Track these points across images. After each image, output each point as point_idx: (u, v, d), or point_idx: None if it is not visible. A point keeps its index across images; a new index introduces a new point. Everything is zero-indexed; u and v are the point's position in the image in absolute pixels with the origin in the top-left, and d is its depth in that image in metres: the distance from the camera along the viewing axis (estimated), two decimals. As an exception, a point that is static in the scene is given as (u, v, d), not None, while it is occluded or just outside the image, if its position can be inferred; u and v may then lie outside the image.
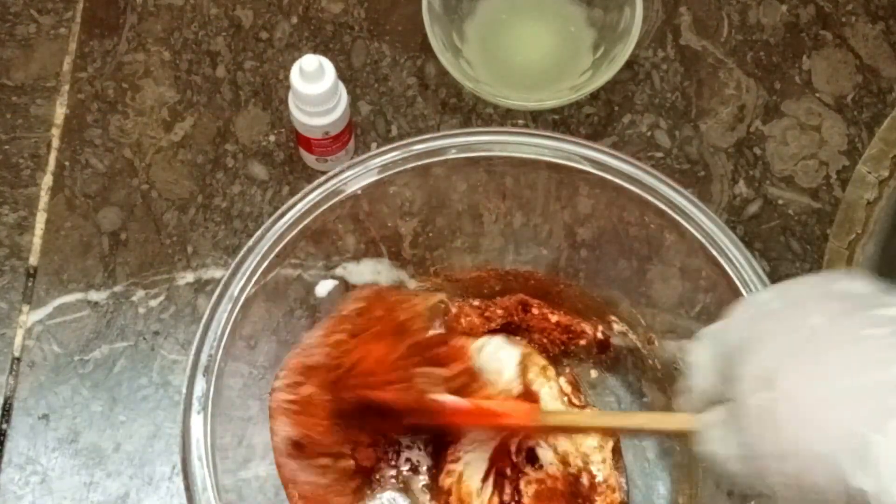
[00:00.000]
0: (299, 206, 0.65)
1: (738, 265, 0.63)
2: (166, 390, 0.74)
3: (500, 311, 0.73)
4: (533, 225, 0.72)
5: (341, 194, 0.65)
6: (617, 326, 0.73)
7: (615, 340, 0.73)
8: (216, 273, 0.77)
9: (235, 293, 0.63)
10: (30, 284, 0.77)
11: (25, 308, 0.76)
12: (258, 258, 0.64)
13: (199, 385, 0.61)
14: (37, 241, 0.78)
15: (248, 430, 0.66)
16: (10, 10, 0.84)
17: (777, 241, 0.78)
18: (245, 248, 0.64)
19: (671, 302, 0.70)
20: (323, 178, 0.66)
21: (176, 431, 0.73)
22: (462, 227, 0.71)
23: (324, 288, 0.70)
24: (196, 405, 0.61)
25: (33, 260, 0.78)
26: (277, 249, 0.64)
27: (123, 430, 0.74)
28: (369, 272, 0.71)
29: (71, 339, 0.76)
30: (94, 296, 0.77)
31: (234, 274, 0.63)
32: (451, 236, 0.71)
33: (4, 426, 0.74)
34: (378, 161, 0.65)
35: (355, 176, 0.65)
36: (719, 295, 0.65)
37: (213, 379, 0.61)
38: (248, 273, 0.63)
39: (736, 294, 0.63)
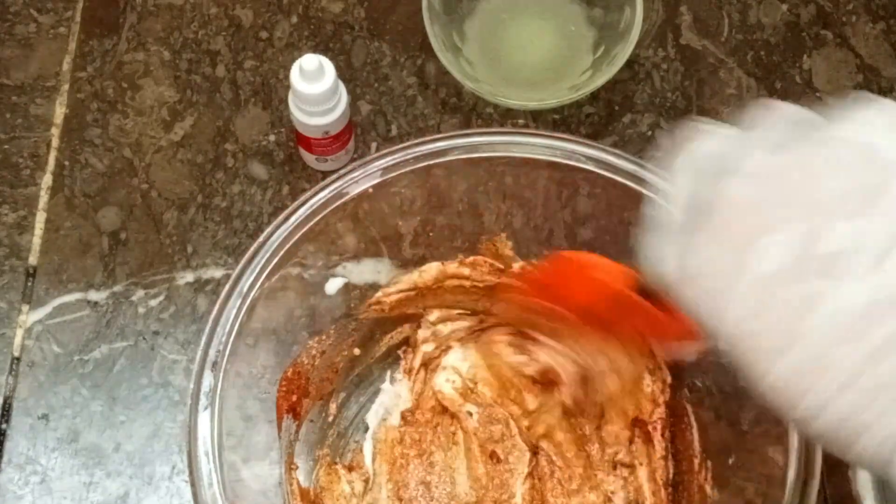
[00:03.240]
0: (308, 205, 0.65)
1: None
2: (166, 390, 0.74)
3: None
4: (533, 225, 0.71)
5: (346, 195, 0.65)
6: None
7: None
8: (216, 273, 0.77)
9: (245, 290, 0.63)
10: (29, 284, 0.77)
11: (25, 308, 0.76)
12: (267, 256, 0.64)
13: (207, 380, 0.61)
14: (36, 240, 0.78)
15: (248, 429, 0.66)
16: (10, 9, 0.83)
17: (777, 240, 0.78)
18: (255, 245, 0.64)
19: (672, 301, 0.70)
20: (330, 179, 0.65)
21: (176, 431, 0.73)
22: (462, 226, 0.71)
23: (333, 286, 0.70)
24: (203, 400, 0.60)
25: (33, 260, 0.78)
26: (285, 249, 0.64)
27: (123, 430, 0.74)
28: (369, 272, 0.71)
29: (71, 338, 0.76)
30: (93, 295, 0.77)
31: (243, 271, 0.63)
32: (452, 236, 0.71)
33: (4, 426, 0.74)
34: (381, 163, 0.65)
35: (361, 177, 0.65)
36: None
37: (221, 375, 0.61)
38: (256, 271, 0.63)
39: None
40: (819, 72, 0.82)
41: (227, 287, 0.63)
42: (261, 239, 0.64)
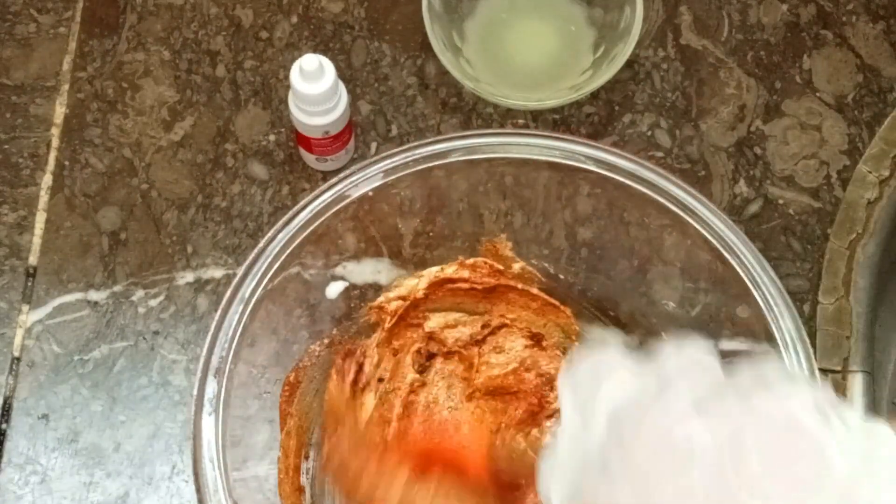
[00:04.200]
0: (309, 209, 0.65)
1: (746, 262, 0.63)
2: (166, 390, 0.74)
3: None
4: (533, 225, 0.72)
5: (348, 198, 0.65)
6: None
7: (616, 339, 0.73)
8: (216, 273, 0.77)
9: (246, 295, 0.63)
10: (29, 284, 0.77)
11: (25, 308, 0.76)
12: (269, 260, 0.64)
13: (211, 387, 0.61)
14: (36, 240, 0.78)
15: (247, 429, 0.66)
16: (10, 9, 0.83)
17: (777, 240, 0.78)
18: (257, 250, 0.64)
19: (672, 302, 0.70)
20: (331, 182, 0.66)
21: (176, 431, 0.73)
22: (462, 226, 0.71)
23: (334, 290, 0.70)
24: (207, 407, 0.61)
25: (33, 260, 0.78)
26: (287, 253, 0.64)
27: (123, 429, 0.74)
28: (370, 271, 0.71)
29: (71, 338, 0.76)
30: (93, 295, 0.77)
31: (245, 275, 0.63)
32: (452, 236, 0.71)
33: (4, 426, 0.74)
34: (383, 165, 0.66)
35: (362, 179, 0.65)
36: (722, 294, 0.65)
37: (224, 381, 0.61)
38: (258, 276, 0.63)
39: (744, 291, 0.63)
40: (819, 72, 0.82)
41: (228, 292, 0.63)
42: (262, 244, 0.64)
